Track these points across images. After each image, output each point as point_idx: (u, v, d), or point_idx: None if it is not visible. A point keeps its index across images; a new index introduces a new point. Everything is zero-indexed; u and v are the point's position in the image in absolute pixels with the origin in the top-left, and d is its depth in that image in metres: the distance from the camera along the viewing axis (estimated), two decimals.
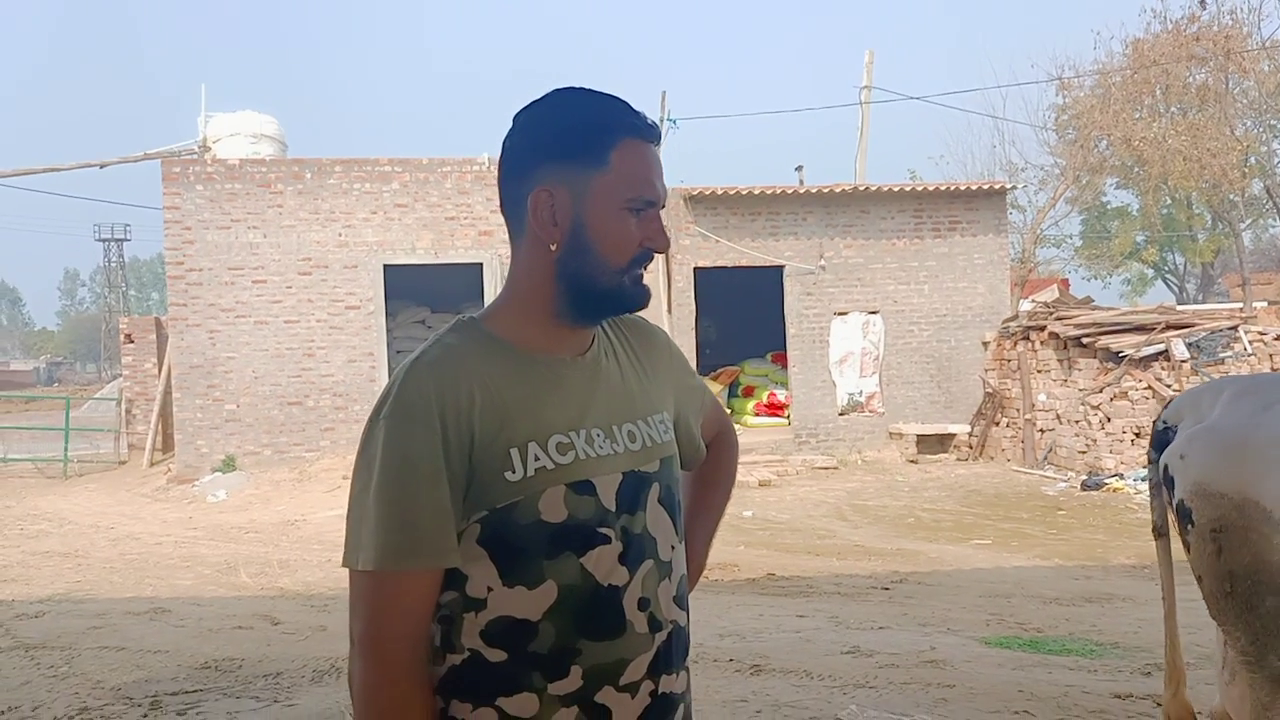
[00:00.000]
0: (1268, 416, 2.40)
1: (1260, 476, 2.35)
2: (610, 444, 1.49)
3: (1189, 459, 2.53)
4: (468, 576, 1.42)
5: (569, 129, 1.47)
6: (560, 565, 1.41)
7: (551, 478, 1.42)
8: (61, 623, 6.79)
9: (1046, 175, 26.21)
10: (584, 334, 1.55)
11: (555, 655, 1.41)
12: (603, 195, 1.46)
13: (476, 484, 1.40)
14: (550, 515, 1.41)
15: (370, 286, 14.70)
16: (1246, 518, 2.37)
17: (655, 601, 1.48)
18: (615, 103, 1.51)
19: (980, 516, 11.06)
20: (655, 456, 1.54)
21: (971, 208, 15.89)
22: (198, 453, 14.38)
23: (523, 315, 1.50)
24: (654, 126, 1.51)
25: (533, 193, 1.47)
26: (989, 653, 5.58)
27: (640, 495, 1.50)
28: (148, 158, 17.01)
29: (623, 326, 1.65)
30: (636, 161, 1.47)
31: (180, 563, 9.30)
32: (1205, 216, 33.58)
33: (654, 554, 1.49)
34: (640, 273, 1.50)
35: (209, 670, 5.50)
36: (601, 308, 1.51)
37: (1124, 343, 13.05)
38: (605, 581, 1.43)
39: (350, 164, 14.79)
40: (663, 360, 1.68)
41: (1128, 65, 23.58)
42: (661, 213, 1.52)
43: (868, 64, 20.55)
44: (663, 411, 1.61)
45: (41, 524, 12.10)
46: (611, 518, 1.45)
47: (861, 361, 15.57)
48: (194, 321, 14.39)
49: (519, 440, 1.41)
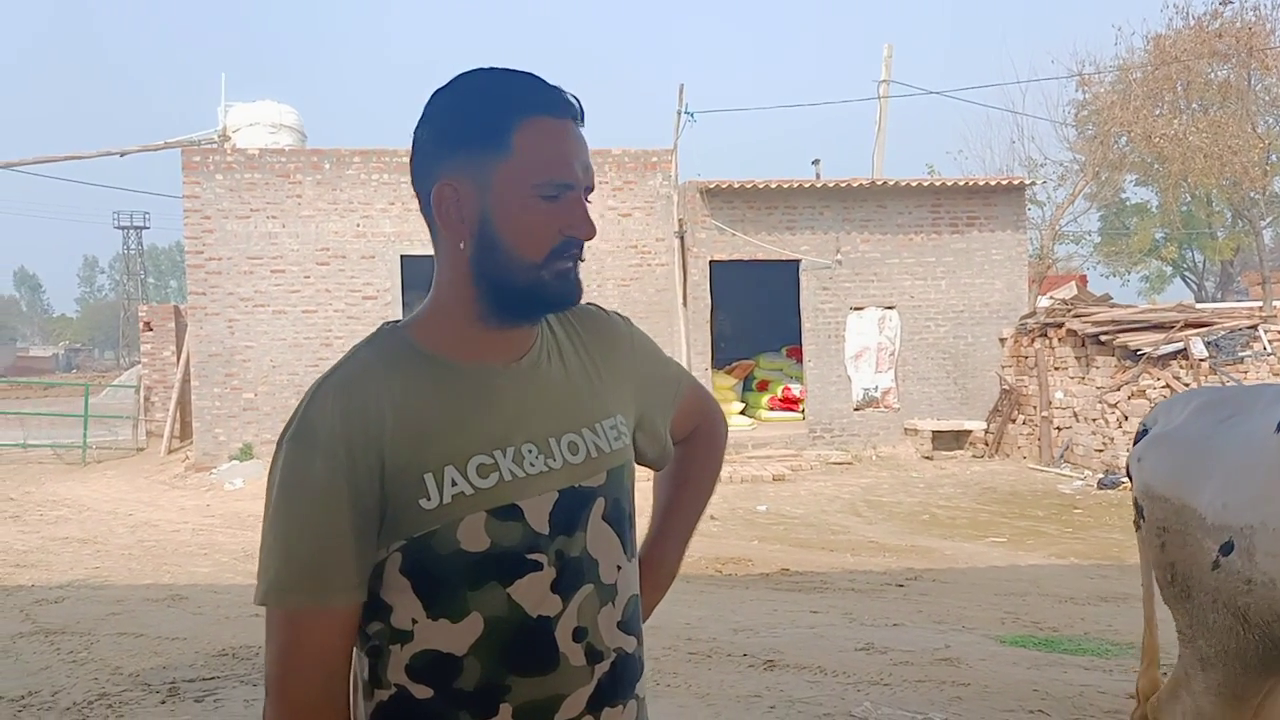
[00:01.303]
0: (1220, 429, 2.59)
1: (1198, 486, 2.53)
2: (545, 460, 1.36)
3: (1143, 462, 2.79)
4: (392, 607, 1.32)
5: (467, 114, 1.34)
6: (485, 596, 1.30)
7: (470, 504, 1.30)
8: (81, 608, 6.85)
9: (1066, 171, 26.11)
10: (519, 335, 1.40)
11: (483, 692, 1.31)
12: (507, 183, 1.32)
13: (391, 512, 1.29)
14: (470, 544, 1.29)
15: (387, 277, 14.75)
16: (1184, 522, 2.57)
17: (594, 630, 1.36)
18: (519, 79, 1.36)
19: (995, 514, 11.03)
20: (601, 469, 1.40)
21: (990, 203, 15.82)
22: (215, 441, 14.46)
23: (446, 321, 1.38)
24: (567, 102, 1.35)
25: (435, 188, 1.35)
26: (1004, 651, 5.57)
27: (580, 514, 1.37)
28: (168, 146, 17.08)
29: (574, 319, 1.50)
30: (543, 142, 1.32)
31: (198, 550, 9.37)
32: (1225, 214, 33.34)
33: (594, 578, 1.37)
34: (566, 265, 1.34)
35: (226, 657, 5.54)
36: (523, 308, 1.36)
37: (1142, 341, 12.99)
38: (534, 612, 1.32)
39: (369, 154, 14.83)
40: (621, 353, 1.53)
41: (1149, 61, 23.41)
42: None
43: (886, 58, 20.46)
44: (615, 415, 1.46)
45: (61, 510, 12.20)
46: (543, 542, 1.33)
47: (877, 357, 15.54)
48: (213, 310, 14.47)
49: (434, 465, 1.29)
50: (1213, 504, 2.48)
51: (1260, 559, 2.34)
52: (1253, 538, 2.35)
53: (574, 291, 1.36)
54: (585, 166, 1.36)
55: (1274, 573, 2.31)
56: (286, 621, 1.29)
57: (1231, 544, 2.40)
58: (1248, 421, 2.52)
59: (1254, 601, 2.36)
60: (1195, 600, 2.55)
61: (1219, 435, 2.57)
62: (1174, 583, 2.64)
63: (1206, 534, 2.48)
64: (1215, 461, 2.52)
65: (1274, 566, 2.31)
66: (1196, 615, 2.55)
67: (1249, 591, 2.37)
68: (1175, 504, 2.61)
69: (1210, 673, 2.53)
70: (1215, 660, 2.51)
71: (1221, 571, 2.43)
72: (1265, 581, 2.33)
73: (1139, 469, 2.81)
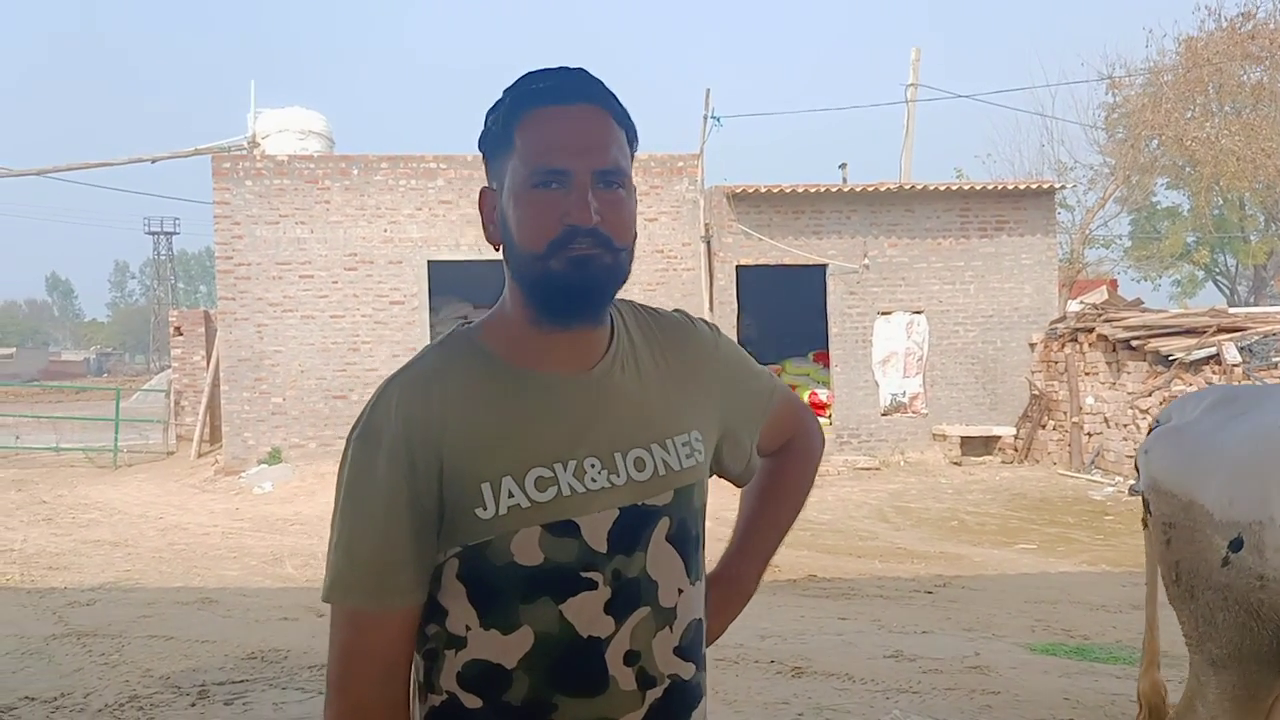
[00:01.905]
0: (1230, 426, 2.52)
1: (1205, 481, 2.47)
2: (608, 475, 1.31)
3: (1150, 456, 2.73)
4: (448, 611, 1.31)
5: (489, 122, 1.35)
6: (536, 611, 1.28)
7: (525, 518, 1.27)
8: (112, 611, 6.91)
9: (1096, 175, 25.87)
10: (588, 342, 1.36)
11: (530, 708, 1.29)
12: (513, 179, 1.31)
13: (448, 517, 1.28)
14: (524, 558, 1.27)
15: (414, 282, 14.81)
16: (1192, 518, 2.50)
17: (648, 654, 1.32)
18: (528, 76, 1.34)
19: (1025, 520, 10.94)
20: (668, 487, 1.35)
21: (1019, 207, 15.71)
22: (244, 444, 14.56)
23: (509, 325, 1.36)
24: (569, 87, 1.32)
25: (479, 196, 1.39)
26: (1034, 659, 5.52)
27: (641, 533, 1.32)
28: (198, 153, 17.23)
29: (656, 327, 1.46)
30: (538, 132, 1.29)
31: (227, 553, 9.43)
32: (1258, 218, 32.97)
33: (651, 600, 1.32)
34: (576, 254, 1.28)
35: (255, 660, 5.57)
36: (546, 304, 1.31)
37: (1174, 346, 12.84)
38: (585, 632, 1.28)
39: (396, 160, 14.90)
40: (706, 365, 1.47)
41: (1180, 63, 23.20)
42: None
43: (914, 61, 20.37)
44: (690, 431, 1.40)
45: (92, 513, 12.32)
46: (600, 560, 1.29)
47: (905, 362, 15.45)
48: (242, 315, 14.57)
49: (492, 475, 1.27)
50: (1220, 499, 2.42)
51: (1271, 555, 2.28)
52: (1262, 534, 2.30)
53: (580, 280, 1.29)
54: (590, 149, 1.29)
55: None
56: (348, 620, 1.29)
57: (1241, 540, 2.34)
58: (1257, 416, 2.47)
59: (1268, 598, 2.30)
60: (1202, 599, 2.48)
61: (1227, 430, 2.51)
62: (1179, 581, 2.57)
63: (1215, 530, 2.42)
64: (1222, 456, 2.46)
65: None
66: (1204, 615, 2.49)
67: (1262, 588, 2.31)
68: (1182, 499, 2.55)
69: (1223, 675, 2.46)
70: (1228, 662, 2.45)
71: (1232, 568, 2.37)
72: (1278, 577, 2.27)
73: (1146, 462, 2.75)
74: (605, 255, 1.30)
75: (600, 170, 1.30)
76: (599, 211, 1.28)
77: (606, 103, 1.33)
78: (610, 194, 1.31)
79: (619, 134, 1.34)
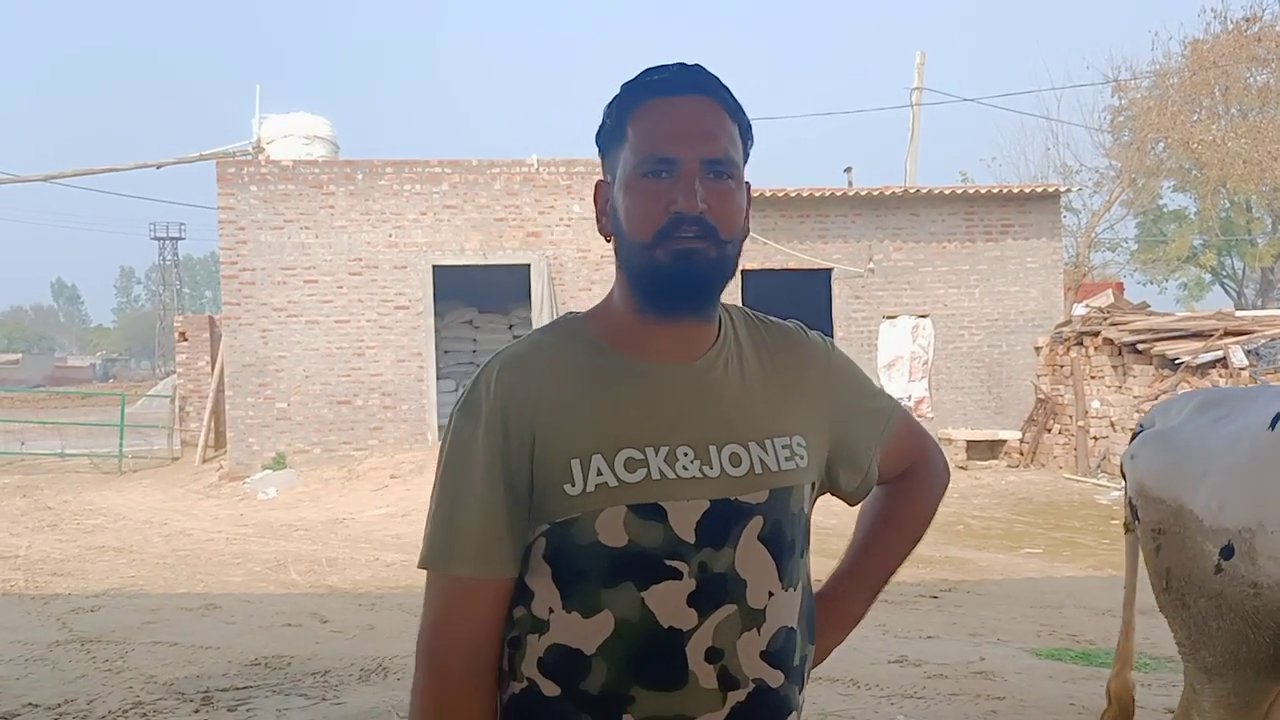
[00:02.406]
0: (1216, 429, 2.48)
1: (1194, 486, 2.43)
2: (700, 466, 1.30)
3: (1136, 461, 2.68)
4: (534, 594, 1.31)
5: (605, 114, 1.38)
6: (618, 596, 1.26)
7: (612, 496, 1.26)
8: (116, 617, 6.91)
9: (1101, 178, 25.87)
10: (693, 335, 1.36)
11: (607, 698, 1.27)
12: (624, 169, 1.33)
13: (538, 493, 1.29)
14: (609, 539, 1.27)
15: (419, 287, 14.82)
16: (1181, 523, 2.46)
17: (732, 654, 1.28)
18: (643, 71, 1.37)
19: (1031, 525, 10.91)
20: (763, 486, 1.33)
21: (1024, 210, 15.69)
22: (249, 450, 14.58)
23: (616, 314, 1.37)
24: (675, 79, 1.33)
25: (594, 188, 1.41)
26: (1040, 664, 5.50)
27: (731, 529, 1.30)
28: (203, 158, 17.28)
29: (766, 333, 1.45)
30: (649, 122, 1.31)
31: (231, 559, 9.43)
32: (1265, 220, 32.88)
33: (739, 599, 1.29)
34: (683, 244, 1.28)
35: (259, 667, 5.56)
36: (650, 292, 1.32)
37: (1180, 349, 12.81)
38: (666, 623, 1.26)
39: (401, 165, 14.92)
40: (815, 376, 1.45)
41: (1186, 66, 23.18)
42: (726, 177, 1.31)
43: (919, 65, 20.37)
44: (793, 435, 1.38)
45: (97, 519, 12.33)
46: (687, 550, 1.27)
47: (910, 366, 15.43)
48: (246, 320, 14.59)
49: (582, 450, 1.28)
50: (1208, 505, 2.37)
51: (1264, 563, 2.23)
52: (1253, 541, 2.25)
53: (696, 270, 1.30)
54: (699, 137, 1.30)
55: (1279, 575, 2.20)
56: (444, 590, 1.31)
57: (1232, 547, 2.30)
58: (1243, 419, 2.42)
59: (1263, 605, 2.25)
60: (1194, 608, 2.43)
61: (1213, 433, 2.47)
62: (1169, 589, 2.52)
63: (1206, 537, 2.37)
64: (1210, 460, 2.42)
65: (1279, 570, 2.20)
66: (1197, 623, 2.44)
67: (1256, 595, 2.26)
68: (1172, 505, 2.49)
69: (1218, 684, 2.42)
70: (1222, 670, 2.40)
71: (1224, 576, 2.32)
72: (1272, 584, 2.22)
73: (1133, 467, 2.70)
74: (710, 248, 1.30)
75: (709, 159, 1.30)
76: (705, 200, 1.29)
77: (719, 95, 1.34)
78: (719, 184, 1.31)
79: (730, 126, 1.34)
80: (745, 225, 1.35)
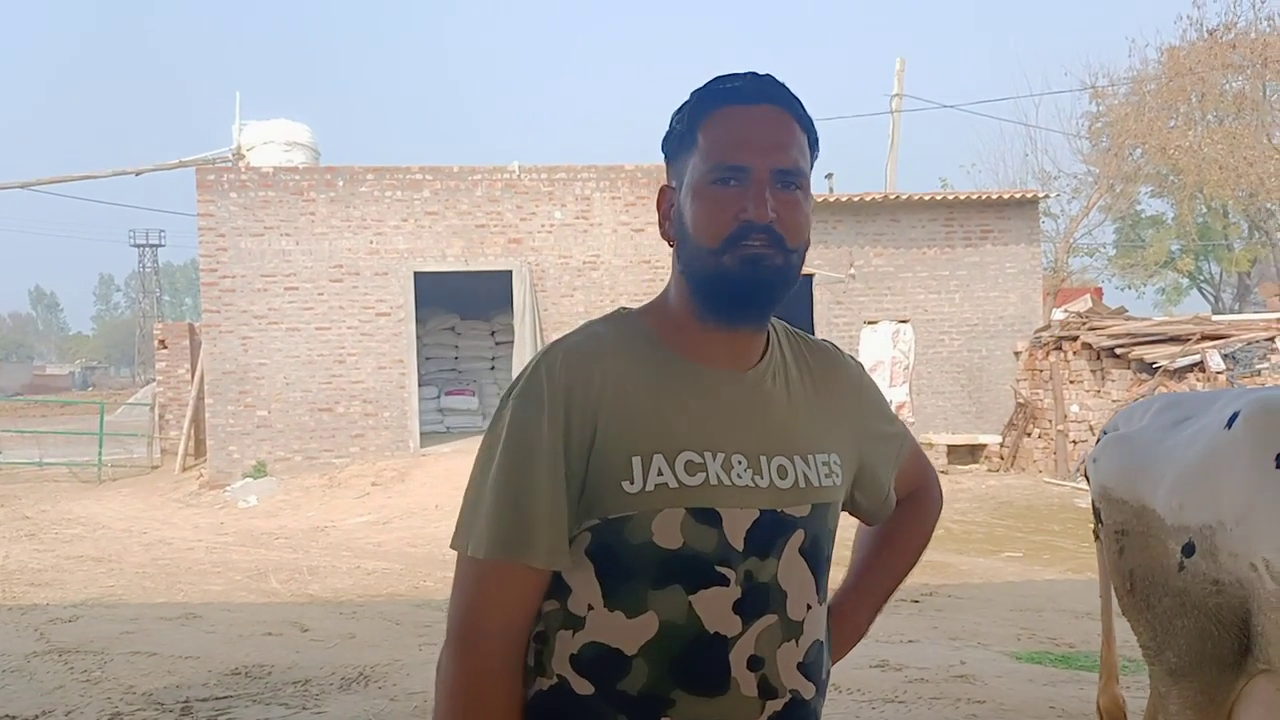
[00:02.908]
0: (1175, 431, 2.51)
1: (1155, 486, 2.45)
2: (753, 475, 1.31)
3: (1099, 464, 2.70)
4: (571, 589, 1.30)
5: (674, 122, 1.39)
6: (666, 598, 1.26)
7: (672, 497, 1.26)
8: (94, 627, 6.86)
9: (1080, 184, 26.07)
10: (744, 344, 1.37)
11: (646, 700, 1.27)
12: (693, 175, 1.33)
13: (591, 487, 1.28)
14: (663, 540, 1.26)
15: (401, 293, 14.79)
16: (1145, 524, 2.47)
17: (772, 663, 1.30)
18: (715, 79, 1.38)
19: (1011, 528, 10.96)
20: (806, 500, 1.35)
21: (1003, 216, 15.79)
22: (229, 458, 14.50)
23: (674, 315, 1.37)
24: (747, 88, 1.35)
25: (659, 193, 1.42)
26: (1020, 668, 5.52)
27: (777, 540, 1.31)
28: (183, 165, 17.21)
29: (806, 350, 1.47)
30: (721, 130, 1.32)
31: (211, 568, 9.38)
32: (1241, 225, 33.19)
33: (780, 609, 1.31)
34: (750, 252, 1.29)
35: (239, 676, 5.54)
36: (715, 300, 1.32)
37: (1158, 354, 12.91)
38: (712, 628, 1.27)
39: (382, 172, 14.90)
40: (848, 398, 1.49)
41: (1163, 73, 23.39)
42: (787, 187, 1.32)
43: (898, 72, 20.48)
44: (831, 453, 1.40)
45: (75, 528, 12.24)
46: (736, 557, 1.28)
47: (891, 371, 15.48)
48: (227, 328, 14.52)
49: (644, 449, 1.27)
50: (1169, 504, 2.39)
51: (1224, 559, 2.24)
52: (1213, 538, 2.26)
53: (755, 276, 1.30)
54: (771, 147, 1.31)
55: (1239, 573, 2.21)
56: (484, 575, 1.28)
57: (1193, 545, 2.31)
58: (1203, 420, 2.44)
59: (1225, 601, 2.27)
60: (1159, 607, 2.44)
61: (1174, 434, 2.50)
62: (1134, 591, 2.53)
63: (1168, 535, 2.39)
64: (1171, 460, 2.44)
65: (1238, 567, 2.21)
66: (1162, 624, 2.44)
67: (1219, 592, 2.28)
68: (1134, 505, 2.51)
69: (1184, 685, 2.42)
70: (1187, 670, 2.41)
71: (1187, 574, 2.34)
72: (1233, 582, 2.23)
73: (1095, 470, 2.72)
74: (777, 256, 1.31)
75: (780, 170, 1.32)
76: (775, 210, 1.30)
77: (791, 106, 1.36)
78: (788, 195, 1.32)
79: (801, 137, 1.36)
80: (809, 235, 1.38)
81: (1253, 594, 2.20)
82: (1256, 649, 2.23)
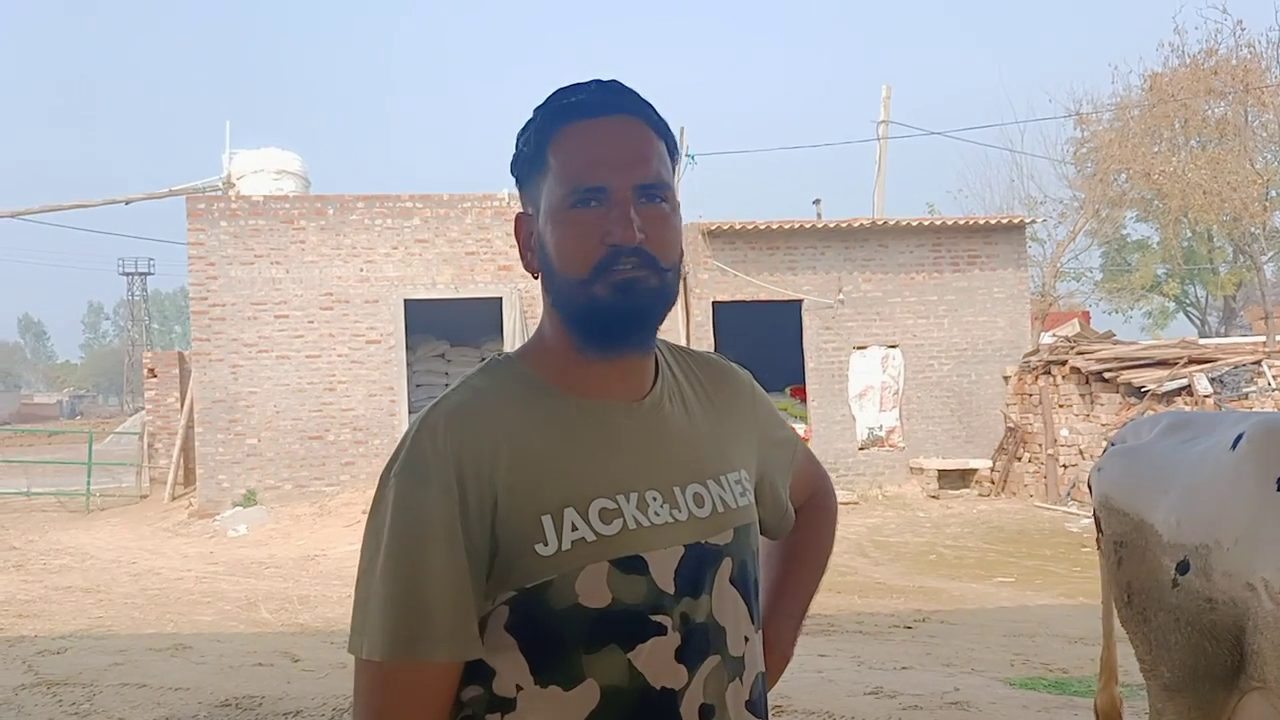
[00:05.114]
0: (1182, 449, 2.54)
1: (1155, 501, 2.48)
2: (670, 510, 1.21)
3: (1103, 474, 2.74)
4: (495, 670, 1.17)
5: (520, 141, 1.26)
6: (603, 661, 1.15)
7: (592, 552, 1.16)
8: (83, 659, 6.80)
9: (1066, 209, 26.20)
10: (634, 371, 1.26)
11: None
12: (549, 201, 1.21)
13: (502, 558, 1.16)
14: (590, 599, 1.15)
15: (391, 321, 14.78)
16: (1143, 537, 2.51)
17: (722, 709, 1.21)
18: (556, 93, 1.25)
19: (1003, 553, 10.96)
20: (728, 525, 1.26)
21: (990, 242, 15.88)
22: (219, 487, 14.44)
23: (552, 352, 1.26)
24: (594, 100, 1.23)
25: (515, 222, 1.29)
26: (1014, 694, 5.52)
27: (706, 574, 1.22)
28: (172, 194, 17.21)
29: (694, 365, 1.37)
30: (572, 149, 1.20)
31: (201, 598, 9.32)
32: (1226, 249, 33.39)
33: (721, 648, 1.22)
34: (621, 277, 1.18)
35: (229, 708, 5.49)
36: (589, 330, 1.21)
37: (1146, 377, 12.97)
38: (658, 683, 1.16)
39: (372, 200, 14.93)
40: (743, 407, 1.39)
41: (1146, 99, 23.61)
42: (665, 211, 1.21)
43: (885, 99, 20.63)
44: (740, 470, 1.32)
45: (64, 558, 12.15)
46: (669, 601, 1.18)
47: (881, 396, 15.52)
48: (216, 356, 14.49)
49: (553, 505, 1.16)
50: (1168, 521, 2.42)
51: (1218, 579, 2.27)
52: (1208, 557, 2.30)
53: (639, 304, 1.20)
54: (629, 162, 1.20)
55: (1233, 592, 2.24)
56: (386, 679, 1.15)
57: (1187, 563, 2.34)
58: (1208, 440, 2.48)
59: (1218, 618, 2.30)
60: (1155, 621, 2.47)
61: (1179, 452, 2.53)
62: (1131, 603, 2.56)
63: (1164, 551, 2.42)
64: (1173, 478, 2.47)
65: (1232, 586, 2.25)
66: (1157, 638, 2.47)
67: (1212, 610, 2.31)
68: (1134, 519, 2.55)
69: (1178, 700, 2.45)
70: (1183, 685, 2.43)
71: (1181, 590, 2.37)
72: (1226, 601, 2.27)
73: (1099, 480, 2.75)
74: (651, 277, 1.20)
75: (642, 184, 1.21)
76: (642, 229, 1.19)
77: (644, 113, 1.25)
78: (653, 209, 1.21)
79: (659, 145, 1.25)
80: (681, 248, 1.26)
81: (1248, 613, 2.23)
82: (1250, 666, 2.26)
